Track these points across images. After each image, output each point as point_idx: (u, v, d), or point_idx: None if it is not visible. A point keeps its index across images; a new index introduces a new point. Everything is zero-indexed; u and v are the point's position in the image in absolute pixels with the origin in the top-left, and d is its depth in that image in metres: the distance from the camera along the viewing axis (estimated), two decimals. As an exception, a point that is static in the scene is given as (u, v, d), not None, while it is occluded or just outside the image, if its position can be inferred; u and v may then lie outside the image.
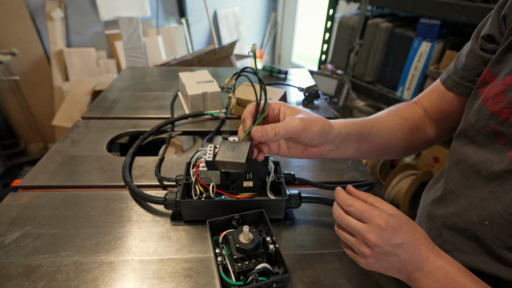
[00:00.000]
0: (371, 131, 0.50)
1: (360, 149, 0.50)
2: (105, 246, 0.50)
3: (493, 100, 0.39)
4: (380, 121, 0.51)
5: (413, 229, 0.38)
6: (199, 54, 2.03)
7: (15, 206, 0.56)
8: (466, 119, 0.44)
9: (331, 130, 0.44)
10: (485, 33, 0.44)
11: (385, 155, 0.56)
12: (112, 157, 0.71)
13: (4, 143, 2.24)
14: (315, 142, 0.43)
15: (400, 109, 0.55)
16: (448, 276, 0.36)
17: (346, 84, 1.86)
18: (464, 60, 0.48)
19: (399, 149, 0.54)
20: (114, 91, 1.03)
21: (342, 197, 0.41)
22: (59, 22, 2.16)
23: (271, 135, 0.40)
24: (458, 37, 1.49)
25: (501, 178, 0.37)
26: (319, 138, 0.43)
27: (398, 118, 0.53)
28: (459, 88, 0.49)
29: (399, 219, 0.37)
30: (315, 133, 0.42)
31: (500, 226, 0.37)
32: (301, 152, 0.46)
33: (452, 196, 0.45)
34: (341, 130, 0.45)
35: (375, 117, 0.52)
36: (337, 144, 0.46)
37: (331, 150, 0.47)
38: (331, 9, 1.99)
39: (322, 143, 0.45)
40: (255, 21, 3.39)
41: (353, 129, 0.47)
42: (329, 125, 0.44)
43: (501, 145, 0.38)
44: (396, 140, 0.52)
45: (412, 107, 0.56)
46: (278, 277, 0.42)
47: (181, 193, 0.53)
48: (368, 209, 0.38)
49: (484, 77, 0.42)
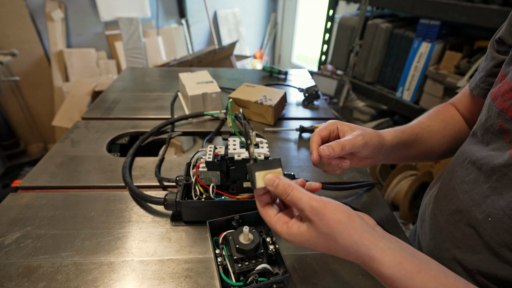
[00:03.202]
0: (417, 137, 0.53)
1: (407, 155, 0.54)
2: (105, 247, 0.50)
3: (502, 97, 0.40)
4: (424, 127, 0.55)
5: (328, 241, 0.33)
6: (199, 55, 2.03)
7: (15, 207, 0.56)
8: (479, 119, 0.46)
9: (385, 142, 0.48)
10: (498, 37, 0.46)
11: (428, 158, 0.59)
12: (112, 157, 0.71)
13: (4, 143, 2.24)
14: (372, 155, 0.48)
15: (440, 112, 0.58)
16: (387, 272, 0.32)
17: (346, 84, 1.87)
18: (483, 63, 0.51)
19: (442, 151, 0.57)
20: (114, 91, 1.03)
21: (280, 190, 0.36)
22: (59, 22, 2.16)
23: (338, 151, 0.43)
24: (458, 37, 1.49)
25: (499, 173, 0.38)
26: (377, 151, 0.47)
27: (440, 123, 0.56)
28: (476, 90, 0.52)
29: (302, 240, 0.34)
30: (374, 147, 0.46)
31: (501, 222, 0.37)
32: (356, 164, 0.50)
33: (452, 192, 0.46)
34: (392, 141, 0.49)
35: (418, 123, 0.55)
36: (389, 153, 0.50)
37: (382, 159, 0.51)
38: (331, 9, 1.99)
39: (376, 155, 0.48)
40: (255, 22, 3.40)
41: (402, 138, 0.51)
42: (382, 137, 0.48)
43: (506, 143, 0.39)
44: (439, 143, 0.56)
45: (451, 110, 0.59)
46: (278, 277, 0.42)
47: (181, 193, 0.53)
48: (277, 221, 0.36)
49: (498, 77, 0.44)
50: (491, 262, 0.39)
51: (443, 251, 0.46)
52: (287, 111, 0.94)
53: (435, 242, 0.48)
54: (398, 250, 0.33)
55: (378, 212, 0.60)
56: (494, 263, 0.38)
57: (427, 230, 0.52)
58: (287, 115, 0.92)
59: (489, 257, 0.39)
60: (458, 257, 0.43)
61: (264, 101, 0.83)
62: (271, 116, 0.83)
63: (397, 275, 0.31)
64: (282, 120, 0.90)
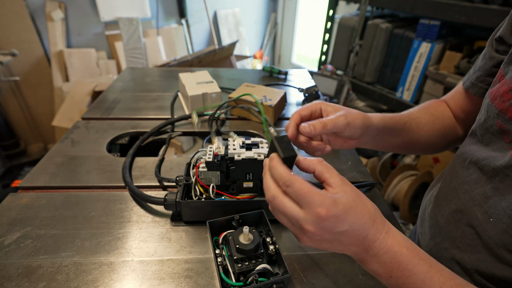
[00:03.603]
0: (405, 126, 0.53)
1: (393, 142, 0.54)
2: (105, 247, 0.50)
3: (501, 98, 0.39)
4: (413, 118, 0.54)
5: (360, 212, 0.33)
6: (199, 55, 2.03)
7: (15, 207, 0.56)
8: (478, 118, 0.46)
9: (371, 123, 0.47)
10: (498, 35, 0.46)
11: (416, 151, 0.59)
12: (112, 157, 0.71)
13: (4, 143, 2.24)
14: (357, 135, 0.47)
15: (431, 107, 0.58)
16: (395, 259, 0.33)
17: (346, 84, 1.87)
18: (480, 62, 0.50)
19: (429, 145, 0.57)
20: (114, 91, 1.03)
21: (279, 173, 0.34)
22: (59, 22, 2.16)
23: (319, 129, 0.43)
24: (458, 37, 1.49)
25: (501, 174, 0.38)
26: (361, 132, 0.46)
27: (430, 116, 0.56)
28: (473, 89, 0.51)
29: (344, 204, 0.32)
30: (357, 127, 0.45)
31: (501, 222, 0.37)
32: (340, 145, 0.49)
33: (453, 192, 0.46)
34: (378, 124, 0.49)
35: (408, 113, 0.55)
36: (374, 136, 0.50)
37: (367, 141, 0.50)
38: (331, 9, 1.99)
39: (362, 136, 0.48)
40: (255, 22, 3.40)
41: (388, 123, 0.50)
42: (368, 118, 0.47)
43: (506, 143, 0.39)
44: (427, 136, 0.55)
45: (442, 105, 0.59)
46: (278, 277, 0.42)
47: (181, 193, 0.53)
48: (308, 193, 0.32)
49: (497, 77, 0.44)
50: (489, 262, 0.39)
51: (442, 250, 0.46)
52: (287, 111, 0.94)
53: (434, 242, 0.48)
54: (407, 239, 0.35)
55: (378, 212, 0.60)
56: (492, 263, 0.38)
57: (426, 229, 0.52)
58: (287, 115, 0.92)
59: (488, 257, 0.39)
60: (456, 256, 0.43)
61: (264, 101, 0.83)
62: (271, 116, 0.84)
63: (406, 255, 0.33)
64: (282, 120, 0.90)
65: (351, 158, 0.75)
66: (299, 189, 0.32)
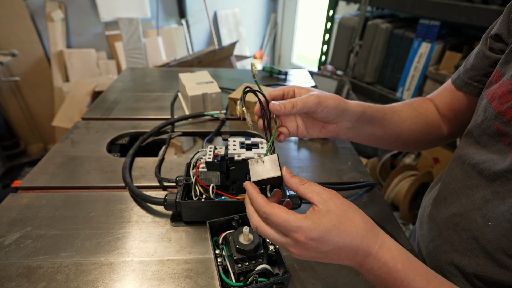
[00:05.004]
0: (386, 117, 0.51)
1: (374, 133, 0.52)
2: (105, 247, 0.50)
3: (499, 100, 0.39)
4: (395, 110, 0.53)
5: (344, 230, 0.32)
6: (199, 55, 2.03)
7: (15, 207, 0.56)
8: (474, 119, 0.45)
9: (347, 106, 0.46)
10: (494, 33, 0.45)
11: (399, 146, 0.57)
12: (112, 158, 0.71)
13: (4, 144, 2.24)
14: (332, 117, 0.45)
15: (415, 102, 0.57)
16: (390, 275, 0.33)
17: (346, 85, 1.87)
18: (473, 60, 0.49)
19: (412, 141, 0.56)
20: (114, 92, 1.03)
21: (256, 205, 0.35)
22: (59, 23, 2.16)
23: (289, 108, 0.41)
24: (458, 38, 1.49)
25: (502, 178, 0.37)
26: (335, 113, 0.44)
27: (412, 111, 0.55)
28: (467, 88, 0.50)
29: (325, 225, 0.32)
30: (331, 107, 0.43)
31: (500, 226, 0.37)
32: (319, 131, 0.48)
33: (453, 196, 0.45)
34: (356, 108, 0.47)
35: (390, 106, 0.54)
36: (353, 122, 0.48)
37: (348, 128, 0.49)
38: (331, 10, 1.99)
39: (339, 119, 0.46)
40: (255, 22, 3.40)
41: (368, 110, 0.49)
42: (344, 101, 0.45)
43: (504, 145, 0.38)
44: (409, 131, 0.54)
45: (426, 102, 0.57)
46: (278, 278, 0.42)
47: (181, 194, 0.53)
48: (285, 222, 0.32)
49: (492, 77, 0.43)
50: (488, 266, 0.39)
51: (441, 254, 0.46)
52: (287, 111, 0.94)
53: (433, 245, 0.48)
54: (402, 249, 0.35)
55: (378, 212, 0.60)
56: (491, 267, 0.38)
57: (426, 232, 0.52)
58: (287, 115, 0.92)
59: (486, 261, 0.39)
60: (455, 260, 0.43)
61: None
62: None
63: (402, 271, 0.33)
64: (282, 121, 0.89)
65: (351, 158, 0.75)
66: (275, 219, 0.33)
